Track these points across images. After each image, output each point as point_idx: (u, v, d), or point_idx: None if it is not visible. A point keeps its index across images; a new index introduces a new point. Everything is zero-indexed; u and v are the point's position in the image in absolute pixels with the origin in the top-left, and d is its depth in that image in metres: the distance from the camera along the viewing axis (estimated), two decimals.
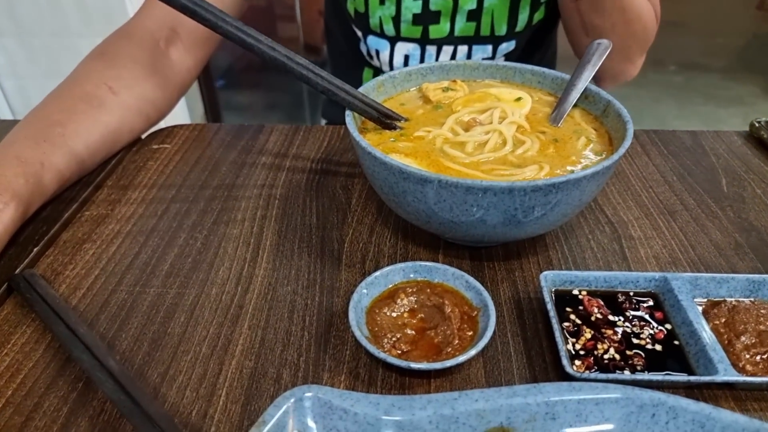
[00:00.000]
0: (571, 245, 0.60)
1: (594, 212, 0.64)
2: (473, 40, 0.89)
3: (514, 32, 0.89)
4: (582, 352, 0.46)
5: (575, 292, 0.52)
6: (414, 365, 0.43)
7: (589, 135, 0.58)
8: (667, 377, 0.44)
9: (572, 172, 0.52)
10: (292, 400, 0.38)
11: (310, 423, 0.38)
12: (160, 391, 0.45)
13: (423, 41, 0.90)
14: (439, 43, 0.90)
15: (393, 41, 0.91)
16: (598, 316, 0.50)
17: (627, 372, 0.45)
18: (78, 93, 0.70)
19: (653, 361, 0.46)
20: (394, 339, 0.47)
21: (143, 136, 0.80)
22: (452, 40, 0.89)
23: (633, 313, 0.50)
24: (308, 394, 0.39)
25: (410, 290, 0.51)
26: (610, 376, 0.44)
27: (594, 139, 0.57)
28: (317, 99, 2.44)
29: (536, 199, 0.48)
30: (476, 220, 0.50)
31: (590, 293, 0.51)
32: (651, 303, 0.51)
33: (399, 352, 0.46)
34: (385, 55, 0.93)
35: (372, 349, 0.44)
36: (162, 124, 0.83)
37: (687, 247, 0.59)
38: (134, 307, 0.53)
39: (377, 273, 0.51)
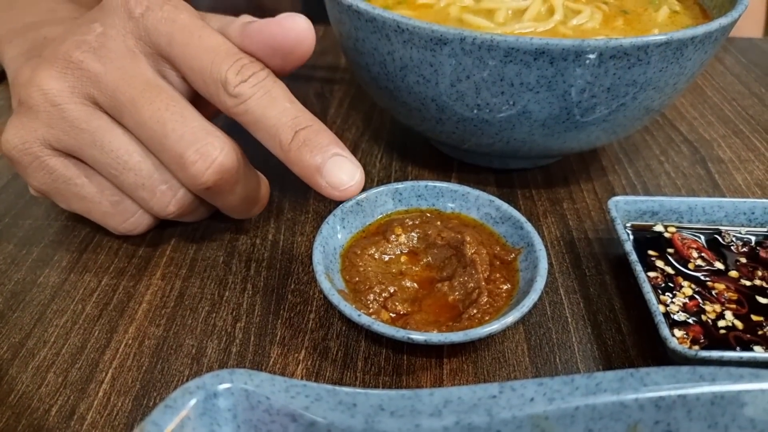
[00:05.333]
0: (638, 169, 0.42)
1: (663, 128, 0.47)
2: None
3: None
4: (682, 318, 0.29)
5: (658, 228, 0.34)
6: (417, 336, 0.26)
7: (671, 5, 0.40)
8: None
9: None
10: (195, 399, 0.21)
11: None
12: (8, 374, 0.28)
13: None
14: None
15: None
16: (699, 263, 0.32)
17: (760, 349, 0.28)
18: None
19: None
20: (385, 295, 0.30)
21: None
22: None
23: (750, 260, 0.33)
24: (225, 387, 0.21)
25: (410, 223, 0.33)
26: (744, 355, 0.26)
27: (680, 10, 0.39)
28: None
29: (615, 74, 0.30)
30: (515, 115, 0.32)
31: (680, 230, 0.34)
32: None
33: (393, 315, 0.29)
34: None
35: (349, 310, 0.27)
36: None
37: None
38: None
39: (360, 196, 0.33)
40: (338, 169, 0.30)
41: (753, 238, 0.34)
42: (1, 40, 0.39)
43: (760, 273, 0.32)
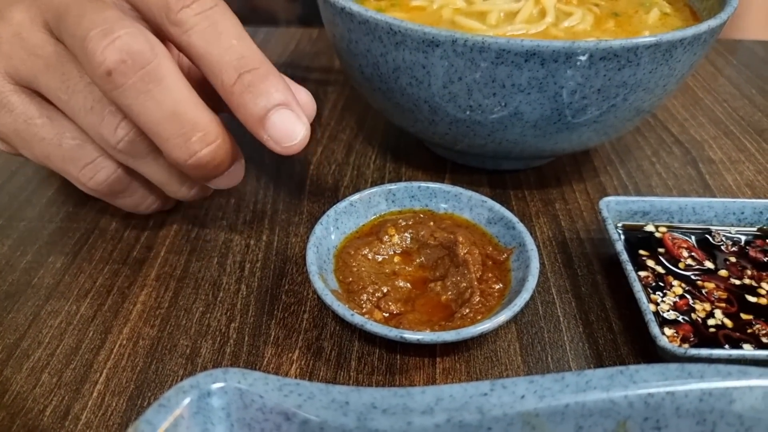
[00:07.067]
0: (630, 169, 0.42)
1: (655, 129, 0.47)
2: None
3: None
4: (672, 316, 0.29)
5: (649, 228, 0.35)
6: (410, 335, 0.26)
7: (662, 7, 0.40)
8: None
9: None
10: (189, 398, 0.21)
11: None
12: (2, 374, 0.28)
13: None
14: None
15: None
16: (690, 262, 0.33)
17: (749, 347, 0.28)
18: None
19: None
20: (378, 295, 0.30)
21: None
22: None
23: (740, 258, 0.33)
24: (218, 386, 0.21)
25: (403, 223, 0.34)
26: (733, 353, 0.27)
27: (671, 12, 0.40)
28: None
29: (606, 75, 0.30)
30: (507, 116, 0.32)
31: (671, 230, 0.34)
32: (765, 244, 0.34)
33: (386, 314, 0.29)
34: None
35: (343, 310, 0.27)
36: None
37: None
38: None
39: (354, 197, 0.34)
40: (282, 124, 0.27)
41: (743, 238, 0.34)
42: None
43: (749, 272, 0.32)
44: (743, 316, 0.30)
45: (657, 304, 0.30)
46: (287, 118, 0.28)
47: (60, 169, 0.31)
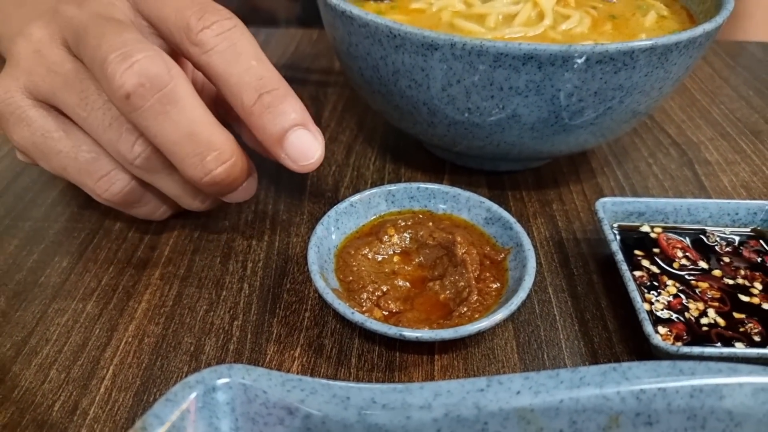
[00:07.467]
0: (627, 171, 0.43)
1: (652, 130, 0.48)
2: None
3: None
4: (666, 315, 0.30)
5: (645, 229, 0.35)
6: (409, 333, 0.27)
7: (659, 10, 0.41)
8: None
9: None
10: (195, 393, 0.21)
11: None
12: (11, 371, 0.29)
13: None
14: None
15: None
16: (684, 262, 0.33)
17: (740, 345, 0.29)
18: None
19: None
20: (378, 294, 0.30)
21: None
22: None
23: (733, 259, 0.34)
24: (223, 381, 0.22)
25: (403, 224, 0.34)
26: (724, 350, 0.27)
27: (667, 15, 0.40)
28: None
29: (602, 79, 0.31)
30: (505, 118, 0.33)
31: (666, 231, 0.35)
32: (758, 245, 0.34)
33: (386, 313, 0.30)
34: None
35: (343, 308, 0.28)
36: None
37: None
38: None
39: (354, 198, 0.34)
40: (300, 143, 0.28)
41: (737, 238, 0.35)
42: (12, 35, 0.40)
43: (742, 272, 0.33)
44: (736, 315, 0.30)
45: (651, 303, 0.31)
46: (305, 138, 0.29)
47: (76, 180, 0.32)
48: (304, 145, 0.29)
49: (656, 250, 0.34)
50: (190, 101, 0.28)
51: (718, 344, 0.29)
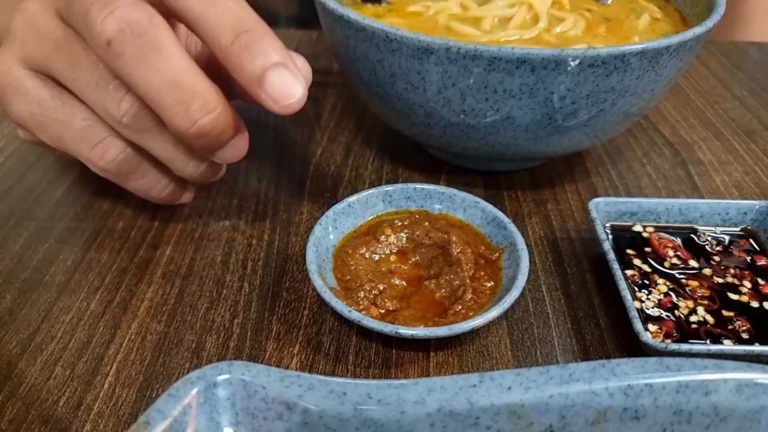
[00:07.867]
0: (621, 171, 0.44)
1: (646, 131, 0.48)
2: None
3: None
4: (656, 313, 0.31)
5: (637, 228, 0.36)
6: (405, 331, 0.28)
7: (652, 13, 0.41)
8: None
9: None
10: (196, 389, 0.22)
11: (227, 427, 0.23)
12: (17, 367, 0.29)
13: None
14: None
15: None
16: (675, 261, 0.34)
17: (728, 342, 0.29)
18: None
19: (762, 326, 0.30)
20: (374, 292, 0.31)
21: None
22: None
23: (723, 258, 0.34)
24: (224, 377, 0.23)
25: (399, 224, 0.35)
26: (712, 347, 0.28)
27: (661, 17, 0.41)
28: None
29: (594, 81, 0.31)
30: (499, 120, 0.34)
31: (658, 230, 0.36)
32: (748, 244, 0.35)
33: (382, 311, 0.31)
34: None
35: (341, 306, 0.29)
36: None
37: None
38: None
39: (351, 198, 0.35)
40: (280, 83, 0.27)
41: (727, 238, 0.36)
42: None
43: (732, 271, 0.33)
44: (725, 312, 0.31)
45: (642, 302, 0.31)
46: (285, 77, 0.28)
47: (72, 149, 0.33)
48: (285, 84, 0.28)
49: (648, 249, 0.34)
50: (173, 49, 0.27)
51: (707, 341, 0.29)
